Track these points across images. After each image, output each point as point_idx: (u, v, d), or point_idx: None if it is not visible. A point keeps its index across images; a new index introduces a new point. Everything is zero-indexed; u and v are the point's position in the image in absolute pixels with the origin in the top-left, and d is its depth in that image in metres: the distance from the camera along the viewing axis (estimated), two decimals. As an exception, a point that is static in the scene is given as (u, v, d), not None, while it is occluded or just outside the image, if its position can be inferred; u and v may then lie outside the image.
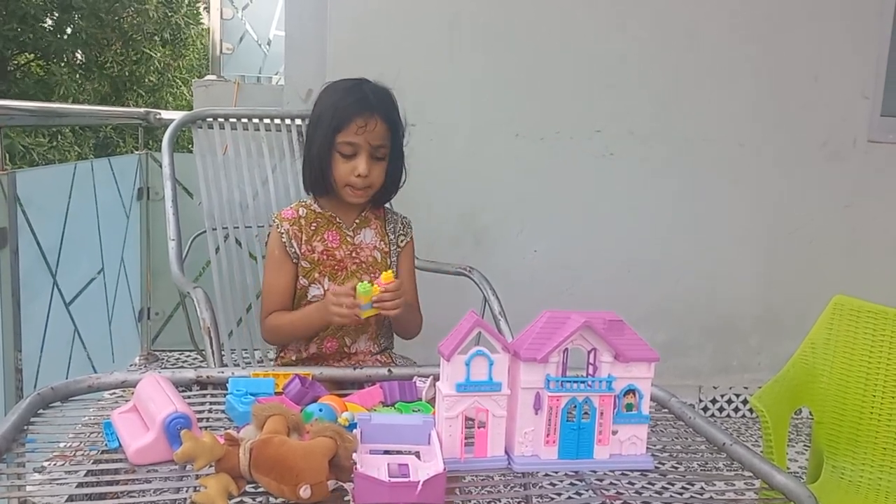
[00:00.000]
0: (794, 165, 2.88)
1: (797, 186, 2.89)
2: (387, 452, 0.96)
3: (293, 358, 1.66)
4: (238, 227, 1.99)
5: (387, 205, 1.74)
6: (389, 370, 1.35)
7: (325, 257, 1.62)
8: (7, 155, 1.90)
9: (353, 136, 1.55)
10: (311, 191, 1.66)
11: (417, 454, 0.95)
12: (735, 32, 2.78)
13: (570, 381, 0.96)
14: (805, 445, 2.73)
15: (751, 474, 1.00)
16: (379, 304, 1.46)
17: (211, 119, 2.06)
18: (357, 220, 1.67)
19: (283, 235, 1.61)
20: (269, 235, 1.67)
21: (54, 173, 2.61)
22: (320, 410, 1.05)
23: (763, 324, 2.95)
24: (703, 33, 2.77)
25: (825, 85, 2.84)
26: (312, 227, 1.64)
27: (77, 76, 7.60)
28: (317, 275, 1.62)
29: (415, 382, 1.22)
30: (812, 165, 2.88)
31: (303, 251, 1.62)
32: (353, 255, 1.64)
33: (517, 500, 0.98)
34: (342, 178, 1.58)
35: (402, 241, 1.72)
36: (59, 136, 7.16)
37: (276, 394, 1.16)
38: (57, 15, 7.26)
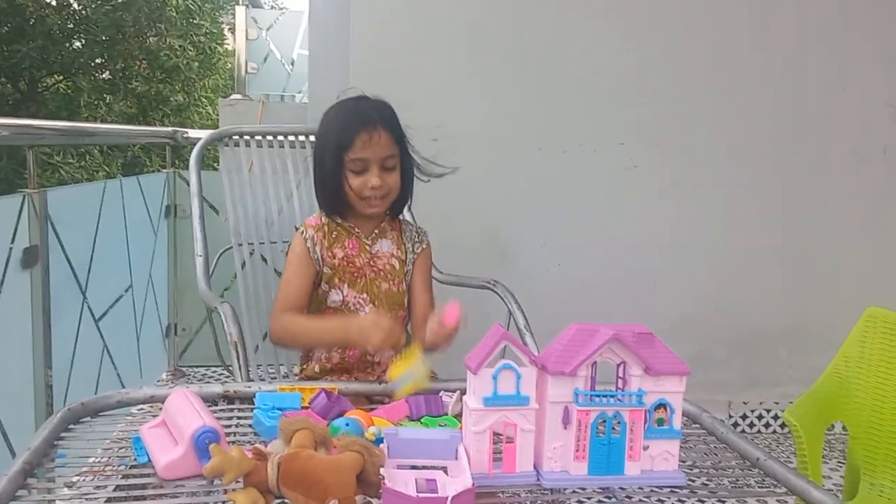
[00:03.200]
0: (821, 175, 2.84)
1: (825, 197, 2.85)
2: (413, 467, 0.96)
3: (317, 369, 1.66)
4: (263, 243, 2.00)
5: (402, 216, 1.75)
6: (415, 384, 1.34)
7: (345, 263, 1.63)
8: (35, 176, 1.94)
9: (360, 151, 1.56)
10: (328, 213, 1.66)
11: (445, 469, 0.95)
12: (759, 42, 2.76)
13: (599, 396, 0.95)
14: (839, 461, 2.68)
15: (785, 491, 0.98)
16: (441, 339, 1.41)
17: (237, 137, 2.09)
18: (375, 231, 1.68)
19: (308, 241, 1.63)
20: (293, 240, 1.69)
21: (84, 192, 2.65)
22: (347, 425, 1.04)
23: (792, 336, 2.90)
24: (727, 44, 2.76)
25: (852, 93, 2.81)
26: (334, 235, 1.66)
27: (104, 95, 7.73)
28: (337, 280, 1.63)
29: (441, 397, 1.22)
30: (840, 175, 2.84)
31: (324, 257, 1.63)
32: (372, 262, 1.66)
33: (546, 516, 0.96)
34: (357, 192, 1.59)
35: (417, 248, 1.73)
36: (88, 157, 7.28)
37: (303, 408, 1.16)
38: (83, 35, 7.40)
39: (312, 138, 2.13)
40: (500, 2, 2.69)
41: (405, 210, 1.75)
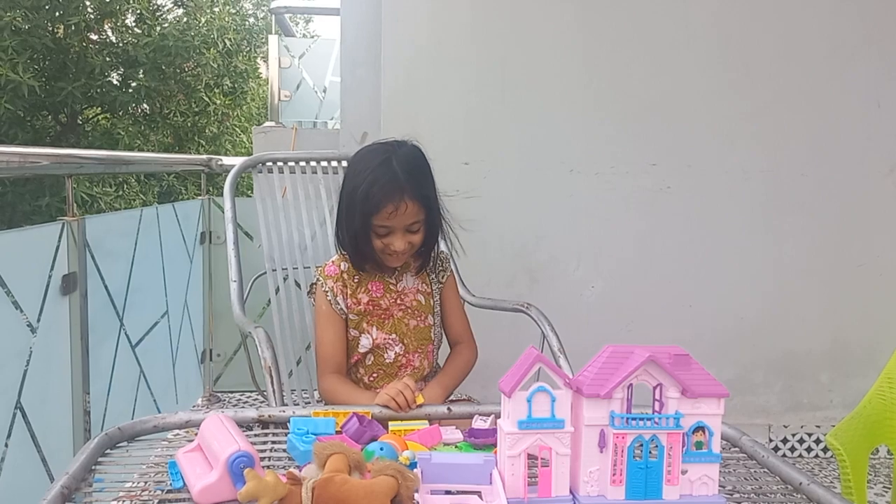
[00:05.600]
0: (859, 195, 2.79)
1: (864, 216, 2.79)
2: (448, 492, 0.95)
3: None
4: (297, 268, 2.02)
5: None
6: (449, 408, 1.34)
7: (371, 307, 1.65)
8: (74, 205, 1.99)
9: (385, 220, 1.55)
10: (354, 264, 1.65)
11: (479, 494, 0.94)
12: (793, 61, 2.74)
13: (635, 418, 0.94)
14: (884, 487, 2.60)
15: (830, 516, 0.95)
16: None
17: (270, 163, 2.11)
18: (398, 267, 1.68)
19: (328, 293, 1.64)
20: (314, 289, 1.69)
21: (121, 219, 2.70)
22: (381, 449, 1.04)
23: (833, 359, 2.84)
24: (760, 64, 2.74)
25: (888, 111, 2.76)
26: (356, 280, 1.66)
27: (141, 127, 7.92)
28: (365, 325, 1.64)
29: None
30: (878, 194, 2.79)
31: (349, 304, 1.64)
32: (398, 301, 1.66)
33: (583, 541, 0.95)
34: (379, 249, 1.59)
35: (442, 277, 1.74)
36: (126, 186, 7.45)
37: (337, 433, 1.16)
38: (122, 70, 7.60)
39: (345, 163, 2.15)
40: (530, 30, 2.70)
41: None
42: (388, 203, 1.53)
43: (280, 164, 2.12)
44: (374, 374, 1.66)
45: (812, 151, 2.77)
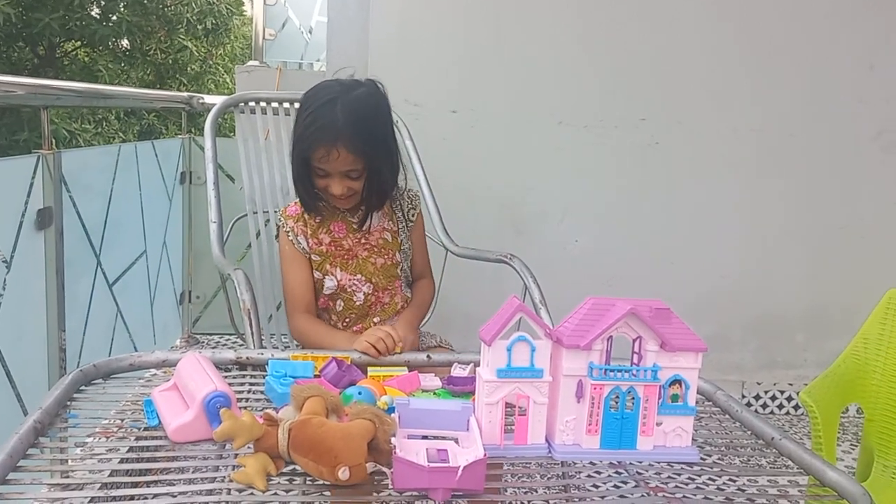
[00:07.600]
0: (846, 157, 2.79)
1: (849, 179, 2.80)
2: (425, 437, 0.95)
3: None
4: (278, 211, 1.99)
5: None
6: (428, 356, 1.34)
7: (333, 248, 1.63)
8: (54, 140, 1.95)
9: (318, 162, 1.53)
10: (306, 208, 1.63)
11: (456, 440, 0.94)
12: (787, 21, 2.70)
13: (613, 370, 0.94)
14: (851, 444, 2.66)
15: (796, 471, 0.97)
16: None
17: (253, 103, 2.07)
18: (362, 208, 1.64)
19: (290, 234, 1.63)
20: (279, 231, 1.68)
21: (98, 154, 2.64)
22: (359, 393, 1.04)
23: (810, 320, 2.87)
24: (753, 22, 2.70)
25: (881, 74, 2.74)
26: (317, 220, 1.64)
27: (122, 64, 7.73)
28: (328, 266, 1.63)
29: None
30: (865, 157, 2.79)
31: (310, 244, 1.63)
32: (363, 240, 1.65)
33: (557, 488, 0.96)
34: (322, 189, 1.58)
35: (411, 216, 1.71)
36: (105, 123, 7.30)
37: (315, 377, 1.16)
38: (103, 2, 7.38)
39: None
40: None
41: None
42: (320, 146, 1.50)
43: (263, 104, 2.08)
44: (347, 319, 1.66)
45: (803, 112, 2.75)
